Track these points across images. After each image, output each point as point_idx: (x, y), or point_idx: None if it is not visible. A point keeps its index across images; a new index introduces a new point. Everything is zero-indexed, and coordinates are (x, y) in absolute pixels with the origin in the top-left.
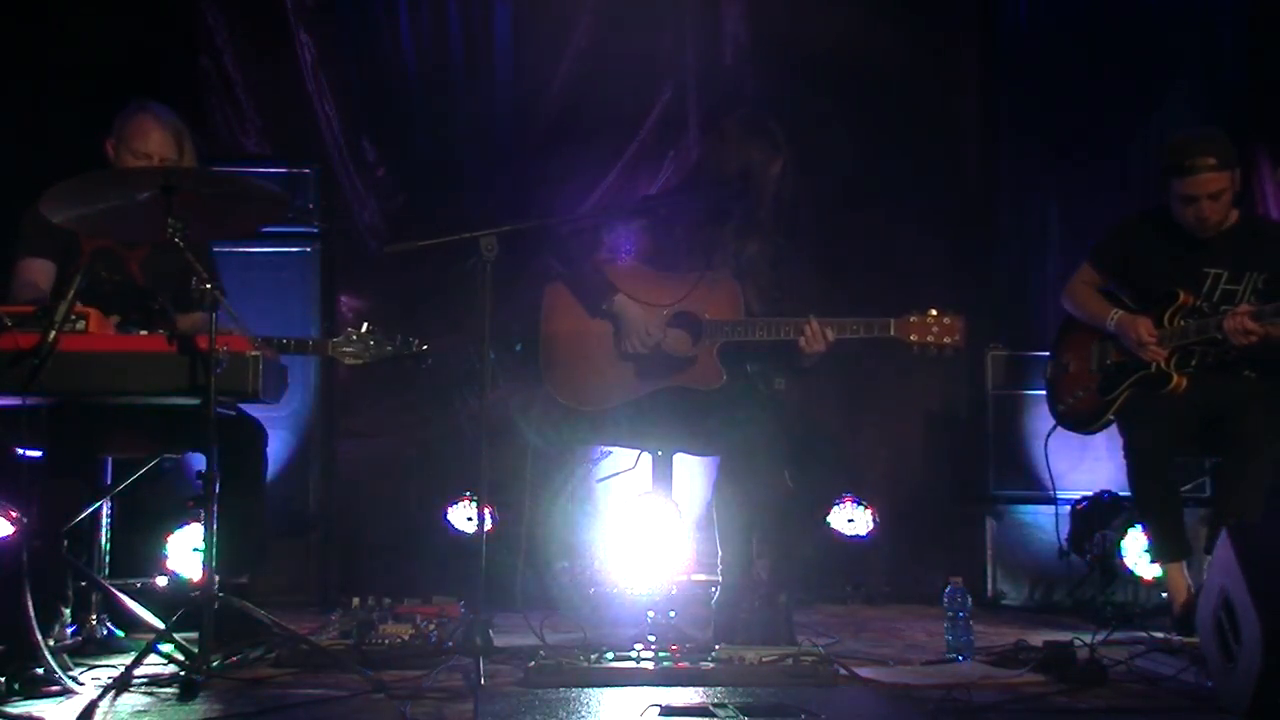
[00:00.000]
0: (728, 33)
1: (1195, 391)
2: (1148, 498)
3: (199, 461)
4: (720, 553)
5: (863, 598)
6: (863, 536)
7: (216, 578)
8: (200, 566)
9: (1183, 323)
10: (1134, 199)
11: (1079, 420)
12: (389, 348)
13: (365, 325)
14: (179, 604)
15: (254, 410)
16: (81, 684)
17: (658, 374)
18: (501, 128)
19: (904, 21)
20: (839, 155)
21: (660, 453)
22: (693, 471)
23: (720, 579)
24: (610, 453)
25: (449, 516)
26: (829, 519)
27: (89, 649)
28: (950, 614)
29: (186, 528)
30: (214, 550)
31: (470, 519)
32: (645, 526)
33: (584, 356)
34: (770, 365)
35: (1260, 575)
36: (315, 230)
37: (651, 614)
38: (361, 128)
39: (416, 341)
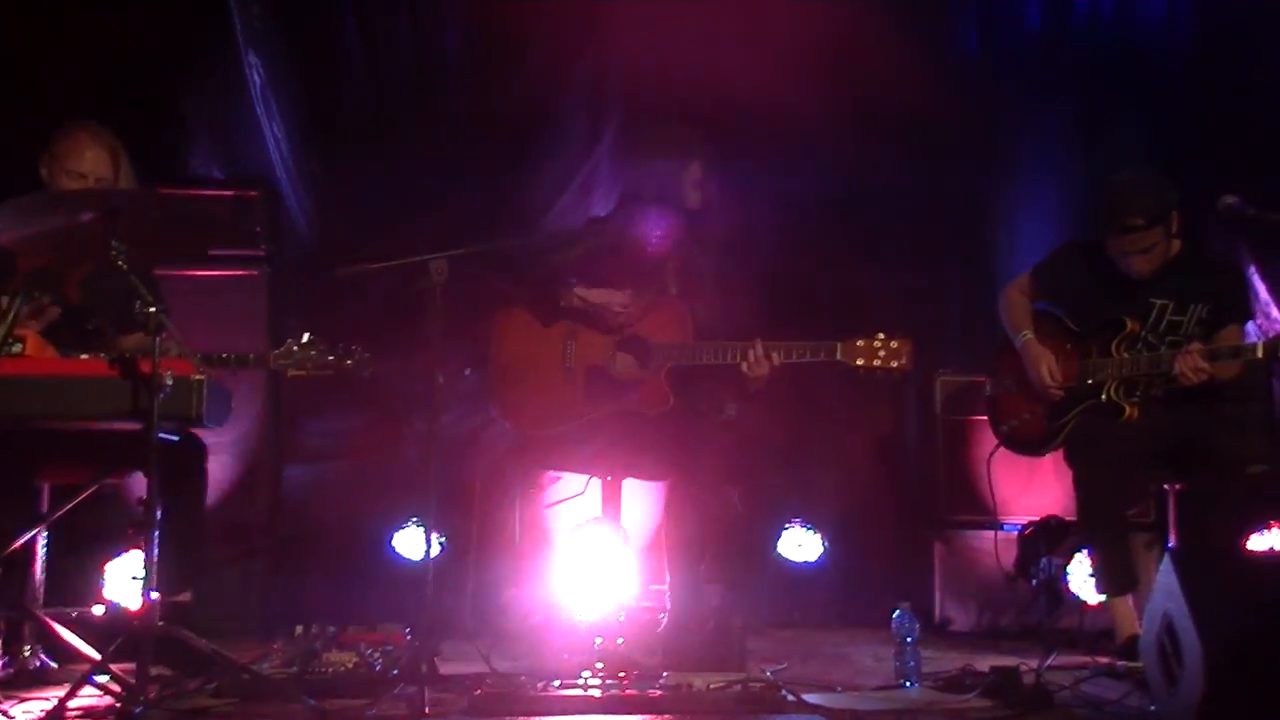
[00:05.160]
0: (681, 61)
1: (1145, 420)
2: (1096, 530)
3: (139, 487)
4: (669, 578)
5: (811, 622)
6: (812, 561)
7: (157, 606)
8: (139, 594)
9: (1127, 354)
10: (1080, 225)
11: (1026, 443)
12: (331, 358)
13: (306, 335)
14: (116, 633)
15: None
16: (13, 718)
17: (607, 398)
18: (454, 150)
19: (852, 44)
20: (788, 179)
21: (609, 477)
22: (642, 497)
23: (669, 605)
24: (559, 478)
25: (395, 543)
26: (778, 543)
27: (21, 681)
28: (898, 639)
29: (125, 555)
30: (154, 577)
31: (417, 545)
32: (594, 553)
33: (533, 381)
34: (718, 389)
35: (1202, 599)
36: (262, 253)
37: (599, 640)
38: (311, 150)
39: (358, 351)
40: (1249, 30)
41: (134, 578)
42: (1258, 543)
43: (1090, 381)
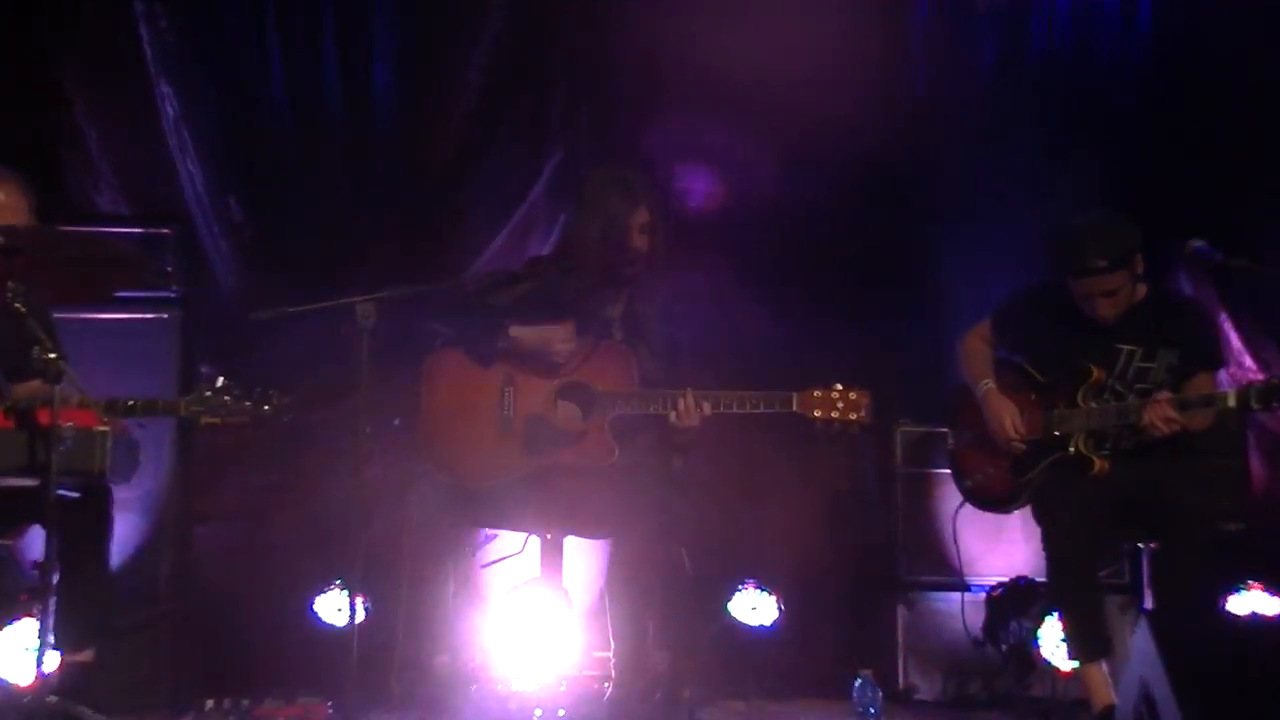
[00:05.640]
0: (622, 95)
1: (1116, 473)
2: (1066, 592)
3: (35, 548)
4: (613, 645)
5: (766, 692)
6: (766, 626)
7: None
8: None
9: (1094, 404)
10: (1040, 268)
11: (990, 499)
12: (248, 403)
13: (220, 380)
14: (5, 711)
15: None
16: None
17: (546, 450)
18: (382, 187)
19: (795, 83)
20: (738, 223)
21: (549, 535)
22: (584, 556)
23: (613, 673)
24: (495, 535)
25: (316, 607)
26: (730, 607)
27: None
28: (860, 709)
29: (17, 623)
30: (48, 646)
31: (340, 609)
32: (533, 616)
33: (467, 431)
34: (663, 440)
35: (1182, 665)
36: (174, 296)
37: (539, 712)
38: (228, 186)
39: (278, 396)
40: (1208, 64)
41: (26, 649)
42: (1237, 604)
43: (1056, 433)
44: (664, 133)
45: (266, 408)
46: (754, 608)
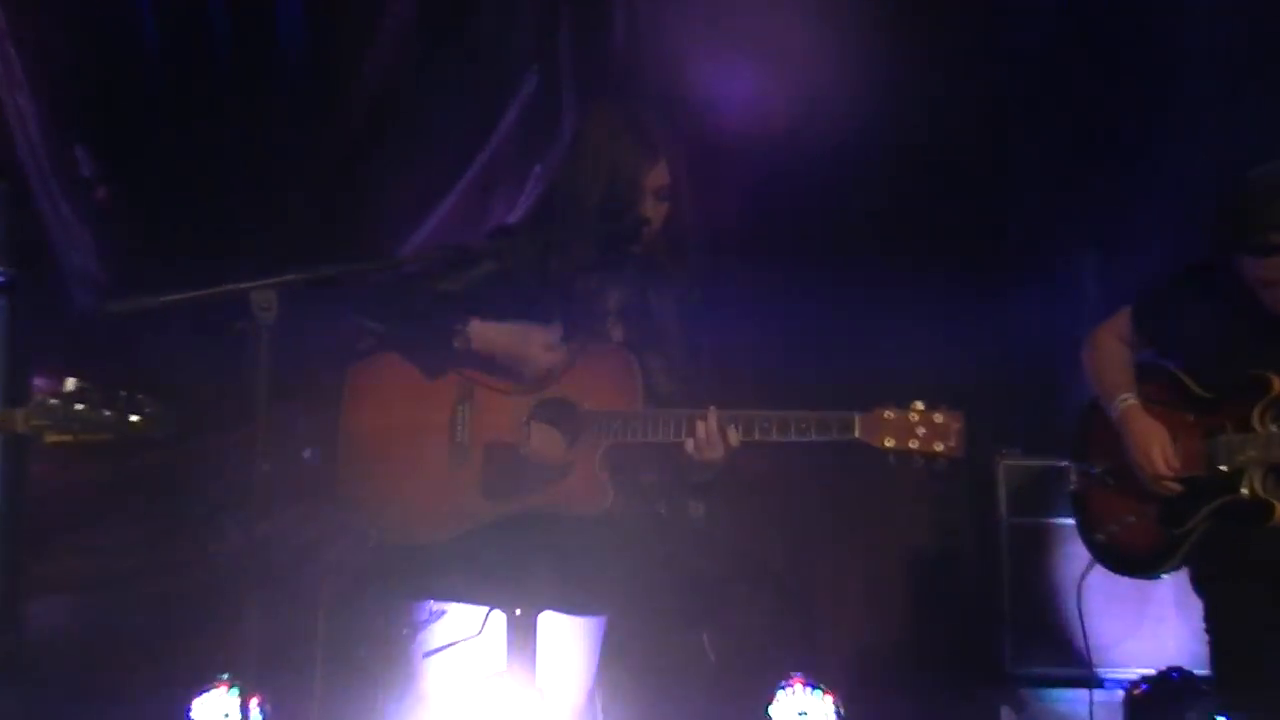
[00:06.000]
0: (640, 23)
1: None
2: (1240, 690)
3: None
4: None
5: None
6: None
7: None
8: None
9: (1276, 428)
10: (1202, 241)
11: (1130, 560)
12: (108, 413)
13: (73, 382)
14: None
15: None
16: None
17: (515, 491)
18: (290, 130)
19: (884, 20)
20: (788, 185)
21: (519, 611)
22: (567, 639)
23: None
24: (444, 612)
25: (195, 711)
26: (772, 711)
27: None
28: None
29: None
30: None
31: (228, 714)
32: None
33: (406, 466)
34: (676, 479)
35: None
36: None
37: None
38: (74, 130)
39: (148, 402)
40: None
41: None
42: None
43: (1223, 468)
44: (676, 52)
45: (135, 418)
46: (803, 712)
